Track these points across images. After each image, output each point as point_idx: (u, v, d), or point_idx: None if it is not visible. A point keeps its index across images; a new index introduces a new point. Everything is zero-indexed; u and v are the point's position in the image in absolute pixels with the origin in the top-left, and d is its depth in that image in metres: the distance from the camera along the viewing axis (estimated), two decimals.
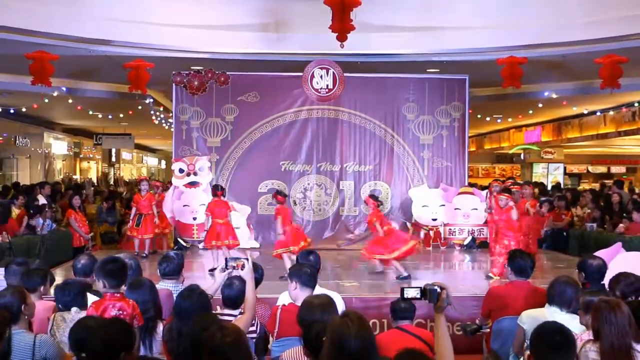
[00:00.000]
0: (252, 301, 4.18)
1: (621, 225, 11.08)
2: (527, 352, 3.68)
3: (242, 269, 4.24)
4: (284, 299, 5.18)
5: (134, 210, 11.12)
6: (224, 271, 4.35)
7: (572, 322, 4.41)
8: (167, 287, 5.17)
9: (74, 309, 4.61)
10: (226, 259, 4.33)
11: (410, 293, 3.29)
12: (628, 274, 4.87)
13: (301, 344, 3.71)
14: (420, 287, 3.29)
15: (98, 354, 3.30)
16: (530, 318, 4.56)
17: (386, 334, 4.91)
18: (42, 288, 5.03)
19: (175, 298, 4.48)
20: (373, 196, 9.76)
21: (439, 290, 3.21)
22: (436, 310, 3.22)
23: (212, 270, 8.56)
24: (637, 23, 9.88)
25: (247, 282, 4.24)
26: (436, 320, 3.19)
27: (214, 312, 4.39)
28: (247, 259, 4.28)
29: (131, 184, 21.39)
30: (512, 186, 9.98)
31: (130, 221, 11.14)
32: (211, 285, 4.76)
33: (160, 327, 4.41)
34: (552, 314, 4.55)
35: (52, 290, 5.21)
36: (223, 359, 2.93)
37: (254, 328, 4.49)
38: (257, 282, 5.22)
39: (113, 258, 4.72)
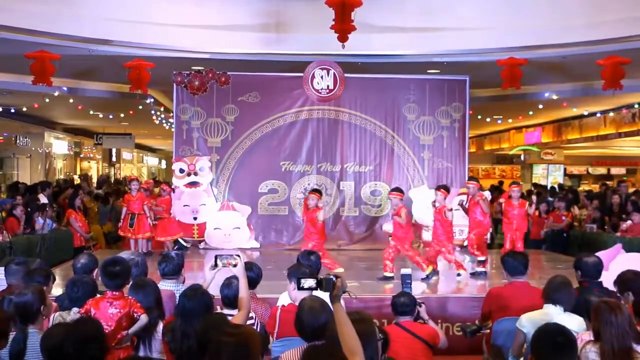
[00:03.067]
0: (246, 298, 4.17)
1: (628, 222, 11.08)
2: (529, 356, 3.67)
3: (234, 267, 4.22)
4: (283, 299, 5.19)
5: (124, 210, 11.14)
6: (214, 269, 4.32)
7: (571, 321, 4.43)
8: (168, 288, 5.18)
9: (74, 309, 4.61)
10: (216, 256, 4.25)
11: (307, 283, 3.29)
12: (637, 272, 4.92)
13: (301, 345, 3.72)
14: (317, 278, 3.29)
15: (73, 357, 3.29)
16: (530, 321, 4.56)
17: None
18: (45, 288, 5.03)
19: (177, 298, 4.48)
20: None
21: (334, 279, 3.20)
22: (333, 299, 3.19)
23: None
24: (637, 25, 9.89)
25: (240, 280, 4.22)
26: (334, 310, 3.15)
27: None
28: (239, 256, 4.25)
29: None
30: (468, 182, 9.86)
31: (122, 221, 11.14)
32: (202, 284, 4.74)
33: (160, 327, 4.42)
34: (551, 315, 4.55)
35: (53, 290, 5.21)
36: (222, 359, 2.92)
37: (254, 328, 4.50)
38: (255, 281, 5.22)
39: (115, 260, 4.72)
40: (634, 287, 4.75)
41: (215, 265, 4.22)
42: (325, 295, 3.40)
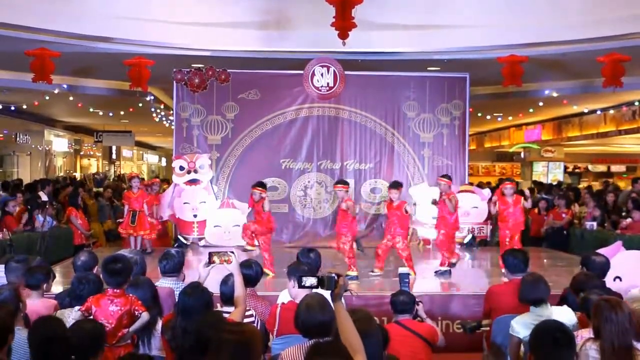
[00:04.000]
0: (242, 296, 4.17)
1: (628, 220, 11.07)
2: (529, 354, 3.67)
3: (228, 264, 4.21)
4: (283, 297, 5.19)
5: (126, 207, 11.11)
6: (208, 266, 4.31)
7: (561, 314, 4.47)
8: (168, 285, 5.18)
9: (75, 307, 4.62)
10: (210, 253, 4.23)
11: (309, 281, 3.28)
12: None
13: (301, 342, 3.72)
14: (318, 276, 3.28)
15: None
16: (521, 325, 4.57)
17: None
18: (44, 285, 5.04)
19: (177, 296, 4.48)
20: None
21: (336, 277, 3.19)
22: (334, 298, 3.19)
23: None
24: (637, 22, 9.89)
25: (235, 277, 4.21)
26: (336, 309, 3.15)
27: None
28: (233, 253, 4.24)
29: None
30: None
31: (124, 218, 11.09)
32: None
33: (159, 324, 4.42)
34: (540, 313, 4.56)
35: (53, 288, 5.21)
36: (223, 357, 2.92)
37: (255, 326, 4.49)
38: (255, 279, 5.23)
39: (116, 258, 4.72)
40: (587, 288, 4.75)
41: (209, 262, 4.22)
42: (326, 293, 3.39)
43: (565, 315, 4.54)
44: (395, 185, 9.07)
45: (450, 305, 7.58)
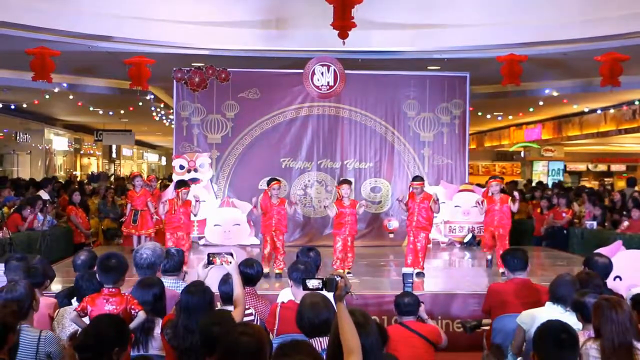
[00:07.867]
0: (241, 295, 4.18)
1: (625, 223, 11.06)
2: (532, 353, 3.67)
3: (227, 265, 4.23)
4: (283, 296, 5.19)
5: (129, 206, 11.08)
6: (207, 267, 4.33)
7: (572, 320, 4.43)
8: (169, 285, 5.16)
9: (70, 307, 4.62)
10: (208, 254, 4.27)
11: (313, 284, 3.31)
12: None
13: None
14: (322, 278, 3.31)
15: (90, 348, 3.31)
16: (531, 318, 4.55)
17: (388, 330, 4.93)
18: (44, 284, 5.04)
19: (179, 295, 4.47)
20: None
21: (337, 279, 3.22)
22: (336, 298, 3.21)
23: None
24: (637, 21, 9.88)
25: (234, 277, 4.23)
26: (337, 309, 3.17)
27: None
28: (232, 254, 4.26)
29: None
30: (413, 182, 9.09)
31: (126, 217, 11.08)
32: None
33: (158, 326, 4.40)
34: (553, 313, 4.54)
35: (53, 286, 5.21)
36: (235, 357, 2.94)
37: (262, 327, 4.49)
38: (255, 278, 5.23)
39: (110, 254, 4.71)
40: (589, 287, 4.74)
41: (209, 263, 4.24)
42: (330, 295, 3.41)
43: (574, 321, 4.50)
44: (344, 182, 9.05)
45: (451, 304, 7.57)
